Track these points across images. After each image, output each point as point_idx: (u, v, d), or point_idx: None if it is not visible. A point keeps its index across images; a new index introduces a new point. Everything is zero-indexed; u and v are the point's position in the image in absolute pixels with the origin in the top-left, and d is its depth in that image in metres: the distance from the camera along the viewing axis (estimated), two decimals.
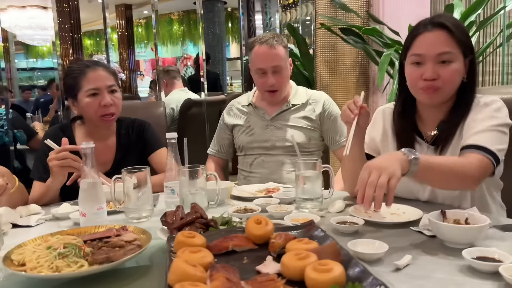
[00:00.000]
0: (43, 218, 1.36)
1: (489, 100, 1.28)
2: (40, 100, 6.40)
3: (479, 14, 2.94)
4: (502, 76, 3.07)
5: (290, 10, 4.60)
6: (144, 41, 11.04)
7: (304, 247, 0.84)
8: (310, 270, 0.74)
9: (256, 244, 0.95)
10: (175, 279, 0.72)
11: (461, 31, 1.27)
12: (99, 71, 1.67)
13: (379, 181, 0.96)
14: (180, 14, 10.52)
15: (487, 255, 0.90)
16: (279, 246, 0.89)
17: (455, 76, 1.26)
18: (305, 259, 0.78)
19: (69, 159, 1.43)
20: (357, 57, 3.21)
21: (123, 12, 9.11)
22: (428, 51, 1.25)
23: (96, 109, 1.65)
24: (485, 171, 1.18)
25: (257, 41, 1.89)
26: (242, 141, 1.98)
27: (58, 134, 1.69)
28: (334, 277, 0.72)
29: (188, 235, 0.91)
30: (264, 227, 0.95)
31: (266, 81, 1.87)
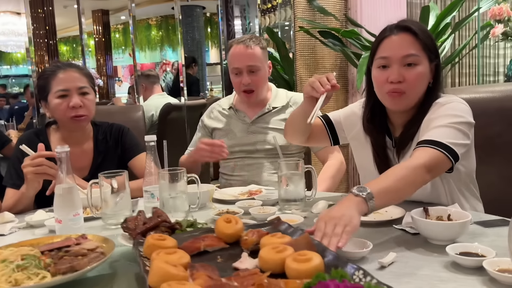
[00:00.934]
0: (16, 226, 1.31)
1: (446, 99, 1.28)
2: (15, 108, 6.24)
3: (454, 16, 2.99)
4: (478, 78, 3.14)
5: (269, 15, 4.60)
6: (121, 47, 10.91)
7: (279, 241, 0.87)
8: (290, 261, 0.77)
9: (227, 243, 0.96)
10: (157, 280, 0.71)
11: (426, 35, 1.28)
12: (70, 72, 1.63)
13: (335, 231, 0.92)
14: (158, 19, 10.43)
15: (470, 250, 0.91)
16: (252, 242, 0.91)
17: (420, 79, 1.26)
18: (283, 252, 0.80)
19: (45, 166, 1.37)
20: (336, 60, 3.23)
21: (100, 17, 9.00)
22: (394, 53, 1.26)
23: (64, 111, 1.61)
24: (435, 166, 1.14)
25: (235, 41, 1.90)
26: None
27: (33, 139, 1.64)
28: (315, 265, 0.75)
29: (159, 237, 0.89)
30: (234, 226, 0.96)
31: (241, 80, 1.86)
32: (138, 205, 1.47)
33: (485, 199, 1.43)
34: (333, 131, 1.51)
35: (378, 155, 1.36)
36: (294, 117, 1.50)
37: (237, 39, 1.91)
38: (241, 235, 0.95)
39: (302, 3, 3.08)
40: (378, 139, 1.37)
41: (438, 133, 1.18)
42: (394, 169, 1.14)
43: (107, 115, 2.08)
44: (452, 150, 1.15)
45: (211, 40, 10.33)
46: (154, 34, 10.58)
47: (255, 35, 2.13)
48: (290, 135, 1.56)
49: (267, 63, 1.92)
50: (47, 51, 7.42)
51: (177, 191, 1.27)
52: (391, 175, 1.11)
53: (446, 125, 1.19)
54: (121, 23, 10.52)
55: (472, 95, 1.68)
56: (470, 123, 1.24)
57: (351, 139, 1.48)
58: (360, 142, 1.43)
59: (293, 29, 3.12)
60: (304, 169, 1.36)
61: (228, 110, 1.99)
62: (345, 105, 3.30)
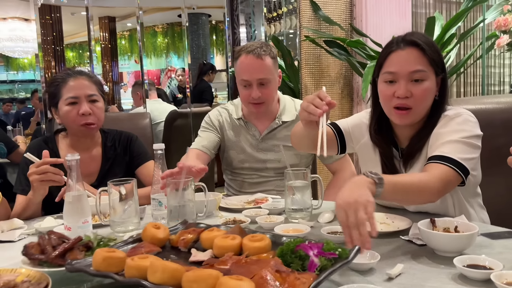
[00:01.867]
0: (25, 233, 1.32)
1: (454, 113, 1.28)
2: (21, 113, 6.28)
3: (459, 27, 3.01)
4: (483, 87, 3.15)
5: (274, 23, 4.64)
6: (127, 53, 10.97)
7: (219, 234, 1.01)
8: (248, 242, 0.95)
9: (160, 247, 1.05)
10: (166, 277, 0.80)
11: (433, 49, 1.27)
12: (80, 80, 1.65)
13: (359, 218, 0.92)
14: (164, 26, 10.50)
15: (478, 262, 0.91)
16: (191, 240, 1.03)
17: (427, 95, 1.26)
18: (236, 239, 0.97)
19: (50, 173, 1.38)
20: (341, 69, 3.25)
21: (106, 24, 9.06)
22: (401, 69, 1.25)
23: (74, 118, 1.63)
24: (448, 183, 1.16)
25: (244, 50, 1.77)
26: (232, 158, 1.88)
27: (42, 147, 1.65)
28: (268, 243, 0.96)
29: (109, 250, 0.90)
30: (164, 231, 1.06)
31: (250, 93, 1.75)
32: (146, 213, 1.48)
33: (491, 210, 1.43)
34: (342, 139, 1.48)
35: (386, 165, 1.36)
36: (298, 134, 1.44)
37: (246, 47, 1.77)
38: (171, 238, 1.06)
39: (308, 13, 3.11)
40: (387, 150, 1.37)
41: (449, 148, 1.19)
42: (411, 174, 1.18)
43: (114, 122, 2.10)
44: (463, 166, 1.17)
45: (216, 47, 10.38)
46: (160, 41, 10.64)
47: (265, 42, 1.97)
48: (297, 146, 1.53)
49: (278, 72, 1.82)
50: (54, 57, 7.49)
51: (185, 199, 1.28)
52: (407, 176, 1.15)
53: (456, 140, 1.20)
54: (127, 30, 10.59)
55: (478, 106, 1.68)
56: (478, 136, 1.25)
57: (358, 149, 1.47)
58: (368, 152, 1.43)
59: (299, 38, 3.15)
60: (311, 179, 1.37)
61: (237, 120, 1.88)
62: (350, 114, 3.31)
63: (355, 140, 1.47)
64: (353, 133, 1.47)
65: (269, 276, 0.78)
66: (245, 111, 1.89)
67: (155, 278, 0.80)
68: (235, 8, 5.98)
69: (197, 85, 5.61)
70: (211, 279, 0.77)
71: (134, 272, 0.84)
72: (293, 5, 3.95)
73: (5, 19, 7.43)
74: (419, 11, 3.38)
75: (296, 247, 0.87)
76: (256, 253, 0.92)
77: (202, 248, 1.03)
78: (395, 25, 3.20)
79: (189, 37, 5.89)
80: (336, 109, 3.22)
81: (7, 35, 7.47)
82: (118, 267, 0.87)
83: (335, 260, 0.84)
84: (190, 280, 0.78)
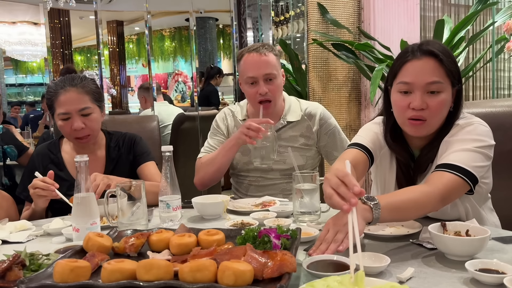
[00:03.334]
0: (34, 234, 1.32)
1: (466, 122, 1.25)
2: (30, 116, 6.33)
3: (468, 30, 2.99)
4: (492, 91, 3.12)
5: (281, 27, 4.64)
6: (135, 57, 11.05)
7: (168, 235, 1.04)
8: (204, 237, 1.03)
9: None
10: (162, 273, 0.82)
11: (450, 60, 1.23)
12: (71, 93, 1.61)
13: (336, 237, 0.95)
14: (171, 30, 10.56)
15: (490, 267, 0.89)
16: (141, 243, 1.04)
17: (442, 107, 1.23)
18: (191, 236, 1.03)
19: (38, 189, 1.44)
20: (349, 72, 3.24)
21: (114, 28, 9.14)
22: (417, 80, 1.20)
23: (68, 132, 1.64)
24: (453, 191, 1.14)
25: (246, 50, 1.78)
26: (238, 160, 1.87)
27: (46, 153, 1.73)
28: (222, 236, 1.04)
29: (71, 261, 0.87)
30: (108, 239, 1.05)
31: (258, 90, 1.73)
32: (153, 215, 1.48)
33: (501, 213, 1.41)
34: (371, 157, 1.38)
35: (403, 172, 1.34)
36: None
37: (248, 47, 1.80)
38: (116, 245, 1.03)
39: (316, 16, 3.11)
40: (404, 157, 1.34)
41: (457, 157, 1.16)
42: (409, 190, 1.15)
43: (123, 125, 2.11)
44: (471, 174, 1.15)
45: (223, 51, 10.42)
46: (168, 45, 10.69)
47: (267, 43, 2.01)
48: None
49: (281, 71, 1.83)
50: (62, 60, 7.56)
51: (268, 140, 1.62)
52: (403, 193, 1.12)
53: (466, 150, 1.18)
54: (135, 34, 10.67)
55: (488, 109, 1.67)
56: (490, 145, 1.22)
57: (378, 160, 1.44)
58: (385, 161, 1.40)
59: (306, 41, 3.14)
60: (320, 182, 1.36)
61: (241, 121, 1.88)
62: (358, 117, 3.30)
63: (375, 154, 1.41)
64: (373, 149, 1.40)
65: (257, 255, 0.85)
66: (250, 111, 1.89)
67: (151, 276, 0.82)
68: (242, 12, 6.00)
69: (204, 88, 5.63)
70: (212, 266, 0.81)
71: (118, 276, 0.83)
72: (300, 9, 3.95)
73: (15, 23, 7.53)
74: (428, 14, 3.37)
75: (259, 233, 0.98)
76: (209, 246, 0.98)
77: (152, 251, 1.04)
78: (404, 28, 3.19)
79: (196, 41, 5.91)
80: (343, 113, 3.21)
81: (16, 39, 7.56)
82: (86, 276, 0.86)
83: (291, 240, 0.99)
84: (193, 270, 0.80)
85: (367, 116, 3.27)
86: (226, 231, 1.10)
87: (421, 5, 3.27)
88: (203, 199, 1.51)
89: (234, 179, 1.97)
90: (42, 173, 1.51)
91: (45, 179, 1.45)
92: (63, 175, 1.68)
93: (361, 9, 3.23)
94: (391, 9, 3.17)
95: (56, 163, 1.70)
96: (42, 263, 0.98)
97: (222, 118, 1.95)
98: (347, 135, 1.98)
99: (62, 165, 1.71)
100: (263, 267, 0.82)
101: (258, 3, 4.88)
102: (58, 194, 1.43)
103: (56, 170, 1.64)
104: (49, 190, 1.42)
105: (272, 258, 0.84)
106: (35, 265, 0.97)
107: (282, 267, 0.81)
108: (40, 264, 0.98)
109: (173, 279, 0.83)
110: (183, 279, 0.81)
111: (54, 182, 1.44)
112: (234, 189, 1.99)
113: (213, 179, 1.84)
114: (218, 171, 1.80)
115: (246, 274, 0.79)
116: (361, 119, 3.30)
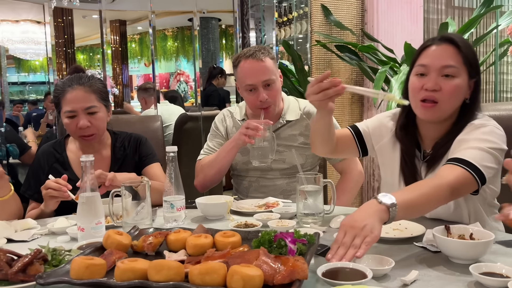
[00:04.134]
0: (38, 233, 1.33)
1: (481, 122, 1.26)
2: (32, 114, 6.34)
3: (472, 33, 2.99)
4: (495, 94, 3.12)
5: (284, 28, 4.64)
6: (137, 57, 11.06)
7: (186, 235, 1.06)
8: (221, 238, 1.03)
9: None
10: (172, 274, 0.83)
11: (469, 50, 1.27)
12: (78, 91, 1.62)
13: (353, 242, 0.94)
14: (174, 30, 10.58)
15: (494, 270, 0.90)
16: (159, 243, 1.05)
17: (456, 92, 1.25)
18: (208, 237, 1.04)
19: (50, 189, 1.44)
20: (351, 74, 3.25)
21: (117, 27, 9.14)
22: (433, 62, 1.25)
23: (74, 130, 1.64)
24: (462, 186, 1.14)
25: (242, 55, 1.75)
26: (236, 161, 1.87)
27: (51, 152, 1.73)
28: (240, 238, 1.05)
29: (87, 258, 0.89)
30: (127, 237, 1.07)
31: (257, 97, 1.73)
32: (157, 215, 1.49)
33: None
34: (362, 141, 1.46)
35: (406, 164, 1.35)
36: (317, 129, 1.40)
37: (244, 52, 1.77)
38: (134, 244, 1.05)
39: (319, 18, 3.12)
40: (409, 147, 1.36)
41: (470, 153, 1.17)
42: (420, 184, 1.15)
43: (126, 125, 2.11)
44: (481, 172, 1.15)
45: (226, 51, 10.43)
46: (170, 45, 10.71)
47: (262, 46, 2.00)
48: (317, 147, 1.47)
49: (279, 72, 1.81)
50: (65, 59, 7.57)
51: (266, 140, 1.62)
52: (416, 189, 1.12)
53: (478, 148, 1.18)
54: (137, 33, 10.68)
55: (491, 112, 1.66)
56: (502, 150, 1.22)
57: (378, 150, 1.45)
58: (388, 153, 1.42)
59: (309, 43, 3.15)
60: (323, 183, 1.37)
61: (240, 121, 1.88)
62: (360, 119, 3.30)
63: (374, 141, 1.45)
64: (373, 134, 1.45)
65: (269, 259, 0.84)
66: (249, 112, 1.89)
67: (161, 276, 0.82)
68: (245, 13, 6.01)
69: (205, 88, 5.63)
70: (221, 270, 0.81)
71: (130, 275, 0.84)
72: (303, 10, 3.95)
73: (18, 22, 7.53)
74: (431, 17, 3.37)
75: (275, 237, 0.97)
76: (225, 247, 0.99)
77: (169, 250, 1.05)
78: (407, 31, 3.19)
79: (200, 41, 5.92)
80: (345, 114, 3.22)
81: (19, 37, 7.57)
82: (101, 274, 0.88)
83: (308, 245, 0.98)
84: (202, 273, 0.80)
85: (369, 118, 3.27)
86: (243, 233, 1.10)
87: (424, 8, 3.28)
88: (207, 200, 1.51)
89: (235, 180, 1.97)
90: (47, 172, 1.51)
91: (58, 180, 1.44)
92: (68, 174, 1.68)
93: (365, 11, 3.23)
94: (394, 12, 3.18)
95: (61, 162, 1.71)
96: (63, 258, 1.00)
97: (221, 119, 1.95)
98: None
99: (67, 164, 1.71)
100: (275, 273, 0.81)
101: (261, 4, 4.88)
102: (70, 195, 1.42)
103: (61, 170, 1.65)
104: (61, 191, 1.42)
105: (284, 264, 0.84)
106: (56, 260, 0.99)
107: (294, 274, 0.81)
108: (61, 260, 1.00)
109: (184, 280, 0.83)
110: (192, 281, 0.81)
111: (67, 184, 1.44)
112: (234, 190, 2.00)
113: (213, 181, 1.84)
114: (218, 173, 1.80)
115: (255, 279, 0.79)
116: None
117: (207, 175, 1.81)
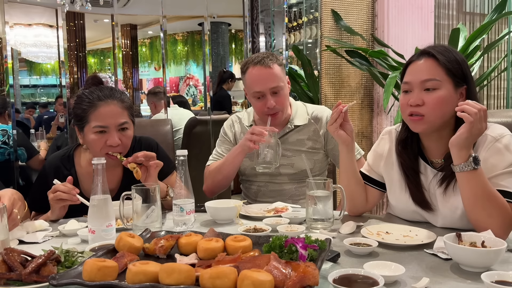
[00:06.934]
0: (50, 235, 1.34)
1: (499, 133, 1.26)
2: (44, 117, 6.41)
3: (484, 39, 2.97)
4: (507, 100, 3.09)
5: (294, 33, 4.65)
6: (147, 61, 11.16)
7: (197, 238, 1.06)
8: (232, 242, 1.03)
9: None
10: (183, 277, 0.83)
11: (450, 59, 1.26)
12: (112, 106, 1.52)
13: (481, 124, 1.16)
14: (184, 34, 10.66)
15: (506, 279, 0.89)
16: (171, 246, 1.06)
17: (440, 104, 1.25)
18: (219, 241, 1.03)
19: (59, 192, 1.42)
20: (361, 79, 3.24)
21: (128, 31, 9.24)
22: (414, 78, 1.28)
23: (101, 147, 1.53)
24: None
25: (250, 62, 1.75)
26: (245, 166, 1.87)
27: (58, 166, 1.65)
28: (251, 243, 1.04)
29: (99, 260, 0.90)
30: (139, 239, 1.07)
31: (265, 103, 1.73)
32: (167, 218, 1.49)
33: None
34: (373, 180, 1.51)
35: (408, 177, 1.36)
36: (344, 169, 1.47)
37: (252, 59, 1.76)
38: (146, 246, 1.06)
39: (329, 23, 3.12)
40: (408, 161, 1.37)
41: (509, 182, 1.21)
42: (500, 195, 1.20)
43: (137, 128, 2.11)
44: None
45: (235, 56, 10.48)
46: (180, 49, 10.79)
47: (269, 52, 2.01)
48: (354, 212, 1.52)
49: (286, 78, 1.81)
50: (76, 62, 7.67)
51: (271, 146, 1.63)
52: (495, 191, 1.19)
53: None
54: (148, 38, 10.78)
55: (503, 119, 1.66)
56: None
57: (383, 172, 1.48)
58: (390, 171, 1.45)
59: (319, 48, 3.15)
60: (333, 189, 1.36)
61: (248, 127, 1.87)
62: (370, 124, 3.29)
63: (377, 170, 1.50)
64: (373, 166, 1.51)
65: (280, 265, 0.84)
66: (257, 118, 1.89)
67: (172, 280, 0.82)
68: (255, 18, 6.03)
69: (216, 93, 5.65)
70: (232, 274, 0.81)
71: (142, 278, 0.85)
72: (313, 15, 3.96)
73: (30, 25, 7.64)
74: (442, 22, 3.35)
75: (286, 242, 0.97)
76: (235, 252, 0.99)
77: (180, 254, 1.06)
78: (418, 36, 3.18)
79: (210, 45, 5.95)
80: (355, 120, 3.21)
81: (31, 40, 7.68)
82: (112, 276, 0.88)
83: (319, 251, 0.98)
84: (213, 277, 0.80)
85: (379, 123, 3.26)
86: (254, 238, 1.10)
87: (435, 13, 3.26)
88: (217, 204, 1.52)
89: (244, 185, 1.98)
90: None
91: (66, 184, 1.43)
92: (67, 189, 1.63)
93: (375, 16, 3.23)
94: (405, 17, 3.17)
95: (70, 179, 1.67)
96: (75, 260, 1.01)
97: (230, 125, 1.96)
98: (358, 143, 1.98)
99: (76, 181, 1.61)
100: (285, 278, 0.81)
101: (271, 9, 4.90)
102: (79, 198, 1.42)
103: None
104: (70, 194, 1.40)
105: (295, 269, 0.83)
106: (69, 262, 1.00)
107: (304, 280, 0.80)
108: (74, 261, 1.00)
109: (194, 284, 0.83)
110: (203, 285, 0.81)
111: (74, 187, 1.42)
112: (243, 194, 2.00)
113: (221, 186, 1.85)
114: (225, 178, 1.81)
115: (266, 285, 0.78)
116: (373, 126, 3.29)
117: (215, 181, 1.82)
